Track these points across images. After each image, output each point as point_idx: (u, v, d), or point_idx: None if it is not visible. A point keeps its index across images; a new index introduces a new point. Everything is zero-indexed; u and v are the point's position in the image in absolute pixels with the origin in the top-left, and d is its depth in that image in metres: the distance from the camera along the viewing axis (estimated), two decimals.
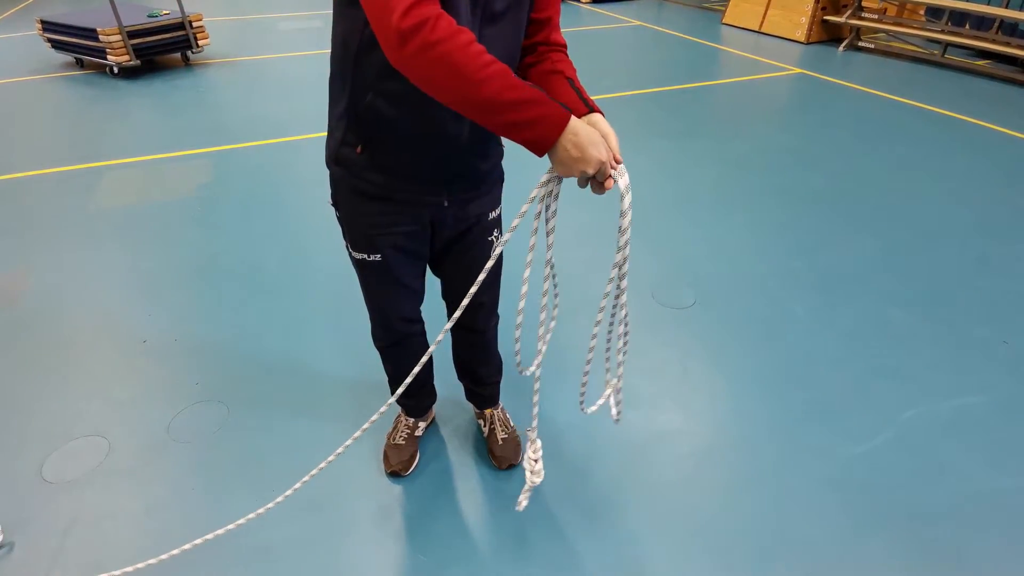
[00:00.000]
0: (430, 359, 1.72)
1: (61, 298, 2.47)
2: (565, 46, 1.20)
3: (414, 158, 1.16)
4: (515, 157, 1.39)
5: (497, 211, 1.39)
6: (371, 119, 1.11)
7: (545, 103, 0.90)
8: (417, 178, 1.20)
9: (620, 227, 0.99)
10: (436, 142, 1.14)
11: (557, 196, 1.04)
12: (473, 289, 1.08)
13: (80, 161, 3.69)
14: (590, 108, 1.05)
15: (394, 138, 1.13)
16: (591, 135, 0.92)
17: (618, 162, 0.97)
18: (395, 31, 0.84)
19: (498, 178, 1.37)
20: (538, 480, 1.31)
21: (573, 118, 0.92)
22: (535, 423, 1.29)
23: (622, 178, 0.98)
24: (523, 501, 1.31)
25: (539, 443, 1.32)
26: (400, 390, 1.24)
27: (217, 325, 2.32)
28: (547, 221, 1.08)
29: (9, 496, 1.67)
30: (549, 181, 1.01)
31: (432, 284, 1.50)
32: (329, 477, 1.73)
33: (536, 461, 1.30)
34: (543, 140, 0.91)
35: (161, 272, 2.63)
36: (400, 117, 1.10)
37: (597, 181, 0.97)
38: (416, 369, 1.21)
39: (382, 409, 1.21)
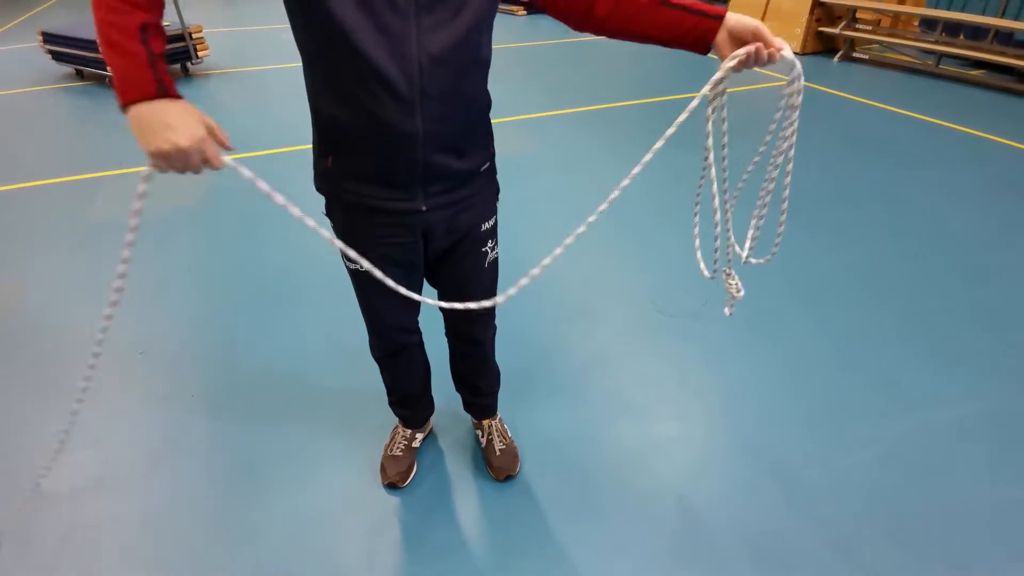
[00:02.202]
0: (428, 371, 1.72)
1: (59, 308, 2.46)
2: None
3: (378, 161, 1.14)
4: (511, 165, 1.39)
5: (491, 222, 1.38)
6: (331, 127, 1.13)
7: (138, 64, 0.86)
8: (387, 183, 1.18)
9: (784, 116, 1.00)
10: (392, 141, 1.10)
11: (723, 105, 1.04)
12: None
13: (79, 172, 3.70)
14: (712, 16, 1.00)
15: (353, 143, 1.13)
16: (172, 121, 0.88)
17: (772, 47, 0.98)
18: None
19: (491, 189, 1.35)
20: (740, 295, 1.37)
21: (162, 102, 0.88)
22: (731, 259, 1.36)
23: (785, 50, 0.97)
24: (728, 310, 1.39)
25: (736, 276, 1.37)
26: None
27: (214, 335, 2.32)
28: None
29: (6, 507, 1.66)
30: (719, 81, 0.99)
31: (429, 295, 1.50)
32: (325, 489, 1.73)
33: (736, 281, 1.37)
34: (120, 93, 0.88)
35: (159, 283, 2.64)
36: (351, 120, 1.08)
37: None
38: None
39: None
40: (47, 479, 1.73)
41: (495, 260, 1.45)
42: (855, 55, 6.45)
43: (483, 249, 1.39)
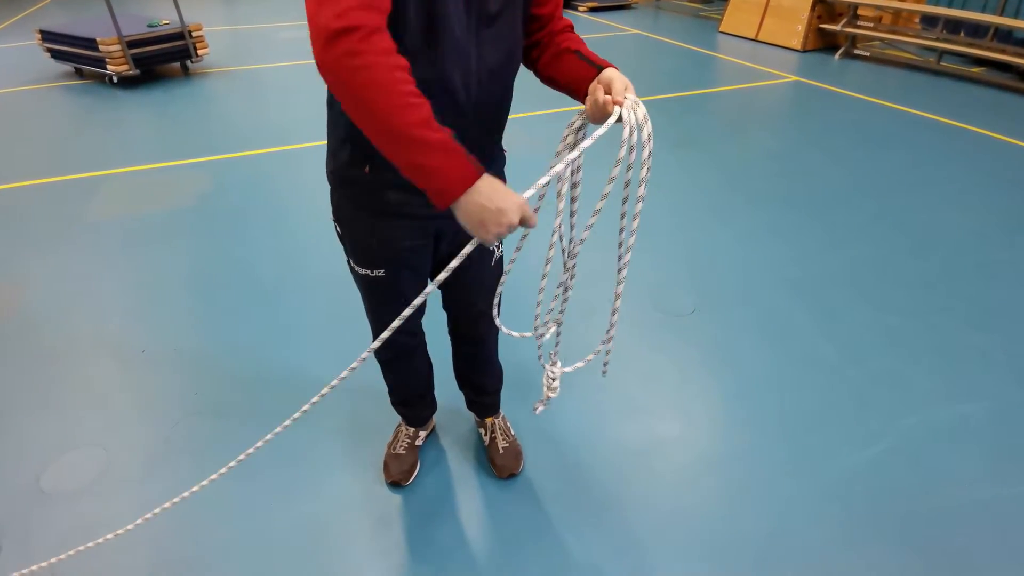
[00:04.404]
0: (431, 371, 1.72)
1: (59, 308, 2.46)
2: (571, 26, 1.19)
3: None
4: (513, 164, 1.39)
5: None
6: None
7: (456, 155, 0.85)
8: None
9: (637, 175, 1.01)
10: None
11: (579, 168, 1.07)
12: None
13: (78, 171, 3.69)
14: (599, 68, 1.06)
15: None
16: (500, 203, 0.88)
17: (618, 104, 0.99)
18: (325, 28, 0.81)
19: None
20: (554, 395, 1.40)
21: (485, 178, 0.88)
22: (557, 348, 1.39)
23: (638, 110, 0.98)
24: (539, 407, 1.44)
25: (559, 366, 1.40)
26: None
27: (216, 335, 2.32)
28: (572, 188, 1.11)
29: (7, 507, 1.66)
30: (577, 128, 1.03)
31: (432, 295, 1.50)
32: (328, 488, 1.72)
33: (554, 379, 1.39)
34: (446, 191, 0.86)
35: (160, 282, 2.63)
36: None
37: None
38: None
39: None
40: (48, 480, 1.73)
41: (500, 258, 1.45)
42: (856, 52, 6.44)
43: (490, 248, 1.39)
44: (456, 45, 1.02)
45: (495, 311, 1.37)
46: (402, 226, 1.23)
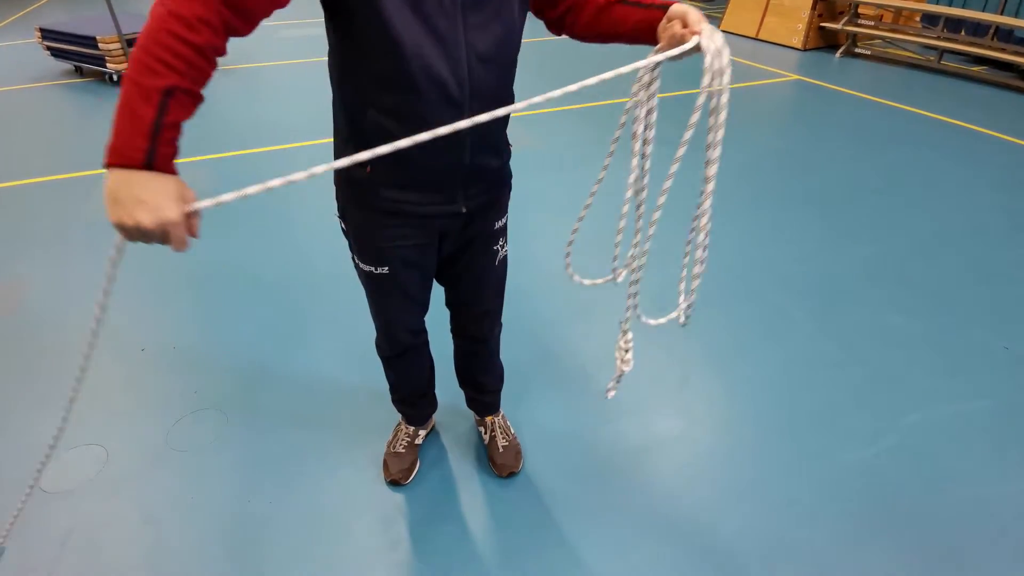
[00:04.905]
0: (432, 369, 1.72)
1: (59, 306, 2.46)
2: None
3: (425, 167, 1.15)
4: (517, 161, 1.39)
5: (503, 220, 1.38)
6: (374, 136, 1.10)
7: (141, 132, 0.76)
8: (431, 188, 1.18)
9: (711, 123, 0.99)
10: (442, 145, 1.11)
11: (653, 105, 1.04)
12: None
13: (78, 169, 3.68)
14: (664, 7, 1.03)
15: (402, 152, 1.12)
16: (145, 196, 0.77)
17: (696, 33, 0.96)
18: None
19: (507, 184, 1.36)
20: (627, 368, 1.30)
21: (160, 176, 0.79)
22: (629, 314, 1.28)
23: (716, 36, 0.94)
24: (612, 390, 1.34)
25: (631, 334, 1.30)
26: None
27: (216, 333, 2.31)
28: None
29: (6, 506, 1.66)
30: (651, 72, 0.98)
31: (435, 292, 1.49)
32: (327, 486, 1.72)
33: (627, 351, 1.30)
34: (109, 151, 0.78)
35: (160, 280, 2.63)
36: (400, 128, 1.08)
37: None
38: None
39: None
40: (48, 479, 1.73)
41: (504, 258, 1.45)
42: (857, 51, 6.43)
43: (494, 247, 1.39)
44: (440, 33, 0.99)
45: (566, 260, 1.31)
46: (405, 224, 1.23)
